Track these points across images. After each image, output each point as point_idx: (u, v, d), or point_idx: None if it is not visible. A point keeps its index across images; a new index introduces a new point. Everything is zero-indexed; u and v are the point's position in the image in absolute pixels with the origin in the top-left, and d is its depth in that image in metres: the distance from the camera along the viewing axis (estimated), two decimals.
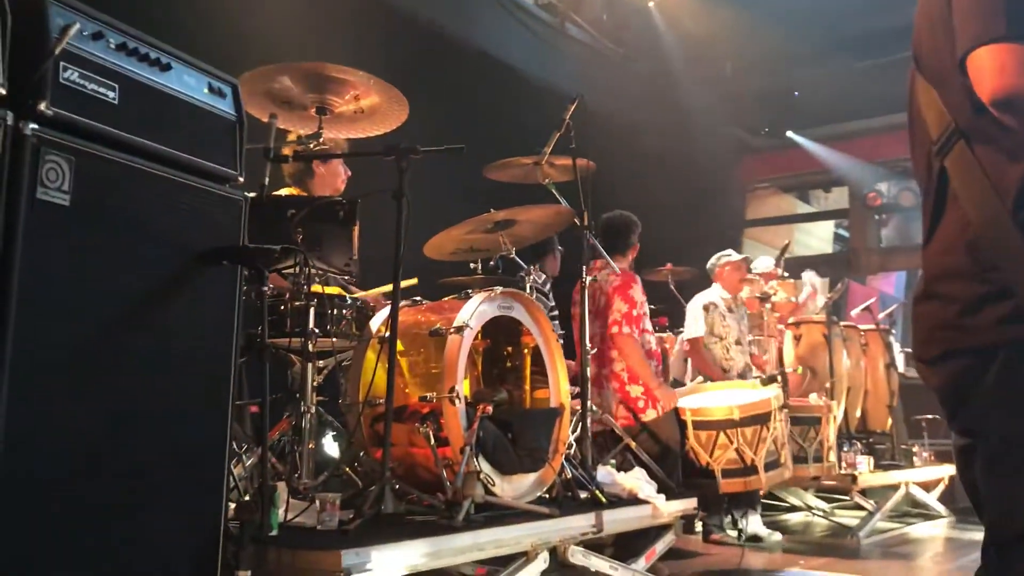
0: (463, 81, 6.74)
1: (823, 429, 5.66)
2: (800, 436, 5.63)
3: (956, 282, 1.56)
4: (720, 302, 6.09)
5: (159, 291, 2.22)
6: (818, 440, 5.65)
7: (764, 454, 4.95)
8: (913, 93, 1.66)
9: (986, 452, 1.56)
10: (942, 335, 1.59)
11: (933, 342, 1.62)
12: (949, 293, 1.58)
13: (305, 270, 3.14)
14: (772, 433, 4.98)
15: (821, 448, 5.66)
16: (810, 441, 5.64)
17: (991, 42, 1.40)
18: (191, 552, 2.24)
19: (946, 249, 1.59)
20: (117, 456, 2.08)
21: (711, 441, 4.96)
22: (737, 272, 6.23)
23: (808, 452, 5.62)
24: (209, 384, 2.33)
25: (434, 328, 3.37)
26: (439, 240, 3.86)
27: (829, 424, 5.77)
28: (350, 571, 2.39)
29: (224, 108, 2.45)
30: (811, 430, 5.67)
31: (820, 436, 5.66)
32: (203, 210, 2.34)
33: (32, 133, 1.91)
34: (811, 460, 5.61)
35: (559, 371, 3.81)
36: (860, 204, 13.13)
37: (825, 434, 5.67)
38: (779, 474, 5.07)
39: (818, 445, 5.66)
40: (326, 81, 3.38)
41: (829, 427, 5.75)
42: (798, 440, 5.62)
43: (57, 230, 1.97)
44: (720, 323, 6.03)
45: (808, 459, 5.61)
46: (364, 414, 3.30)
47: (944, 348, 1.59)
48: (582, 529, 3.41)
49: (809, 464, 5.62)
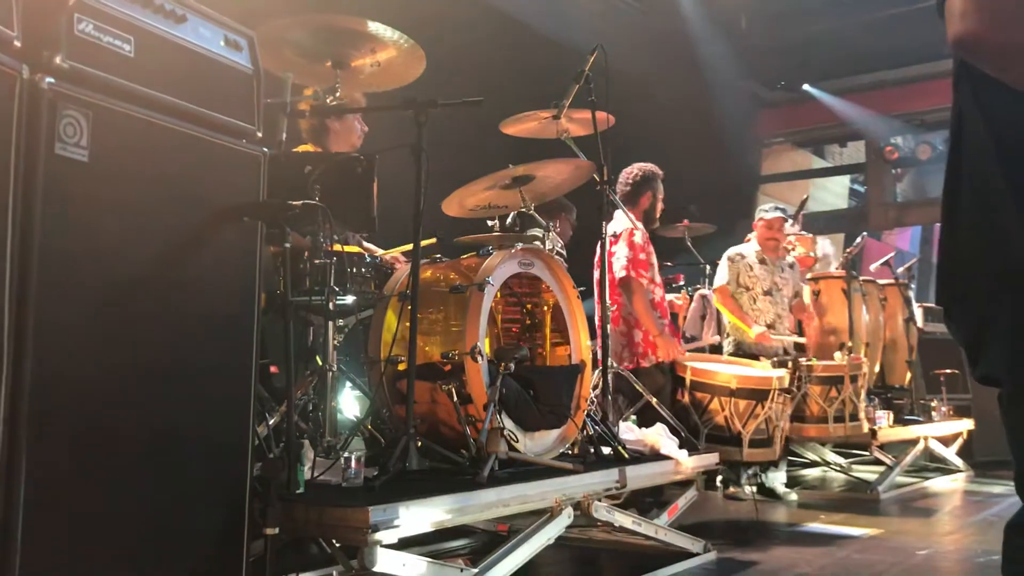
0: (478, 36, 6.65)
1: (845, 388, 5.62)
2: (821, 396, 5.60)
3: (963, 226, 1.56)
4: (751, 254, 6.10)
5: (179, 248, 2.19)
6: (840, 399, 5.62)
7: (752, 430, 4.97)
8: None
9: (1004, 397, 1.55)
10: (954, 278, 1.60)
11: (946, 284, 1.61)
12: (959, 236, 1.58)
13: (325, 227, 3.10)
14: (766, 412, 4.99)
15: (844, 408, 5.63)
16: (831, 401, 5.61)
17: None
18: (219, 510, 2.24)
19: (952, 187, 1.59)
20: (142, 415, 2.06)
21: (703, 403, 4.98)
22: (767, 229, 6.19)
23: (829, 413, 5.60)
24: (232, 342, 2.31)
25: (455, 285, 3.34)
26: (457, 197, 3.81)
27: (855, 382, 5.73)
28: (377, 527, 2.38)
29: (241, 61, 2.40)
30: (832, 389, 5.64)
31: (842, 395, 5.62)
32: (221, 165, 2.30)
33: (48, 87, 1.87)
34: (831, 420, 5.60)
35: (580, 327, 3.78)
36: (876, 158, 12.99)
37: (848, 393, 5.63)
38: (765, 453, 5.09)
39: (840, 404, 5.62)
40: (342, 34, 3.32)
41: (853, 386, 5.70)
42: (819, 401, 5.60)
43: (76, 186, 1.93)
44: (747, 273, 6.05)
45: (829, 419, 5.60)
46: (386, 372, 3.28)
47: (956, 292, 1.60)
48: (605, 485, 3.40)
49: (830, 423, 5.60)
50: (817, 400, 5.61)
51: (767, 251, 6.17)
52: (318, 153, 3.75)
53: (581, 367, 3.71)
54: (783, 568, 3.83)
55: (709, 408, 4.97)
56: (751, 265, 6.10)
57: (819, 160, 14.94)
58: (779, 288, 6.10)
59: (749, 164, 12.74)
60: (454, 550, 3.92)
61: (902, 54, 10.15)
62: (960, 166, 1.59)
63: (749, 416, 4.96)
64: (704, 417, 4.96)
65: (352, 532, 2.40)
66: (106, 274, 2.01)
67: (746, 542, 4.38)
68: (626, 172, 5.25)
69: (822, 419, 5.62)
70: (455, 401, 3.15)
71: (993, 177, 1.48)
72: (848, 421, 5.67)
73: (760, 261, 6.11)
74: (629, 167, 5.26)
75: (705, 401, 4.98)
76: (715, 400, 4.97)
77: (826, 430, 5.64)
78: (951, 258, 1.61)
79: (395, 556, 2.49)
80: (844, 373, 5.67)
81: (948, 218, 1.62)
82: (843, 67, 11.33)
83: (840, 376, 5.66)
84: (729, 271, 6.10)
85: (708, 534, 4.13)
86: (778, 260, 6.20)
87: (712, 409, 4.96)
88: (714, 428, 4.95)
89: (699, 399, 4.99)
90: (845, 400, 5.63)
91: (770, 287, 6.05)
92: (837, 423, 5.63)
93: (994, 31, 1.37)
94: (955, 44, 1.42)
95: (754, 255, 6.14)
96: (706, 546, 3.94)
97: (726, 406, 4.95)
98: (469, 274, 3.38)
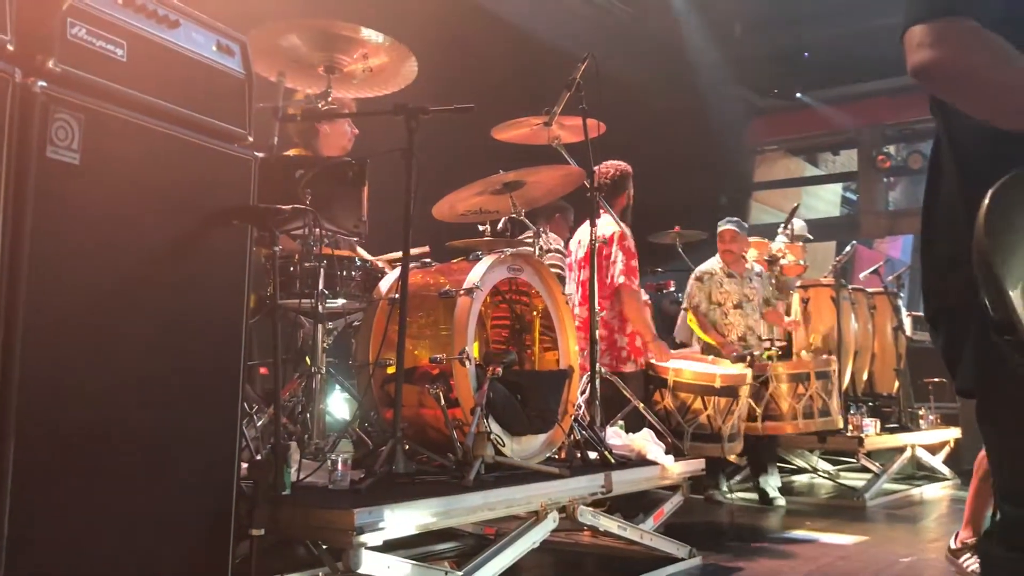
0: (470, 41, 6.67)
1: (811, 384, 5.68)
2: (789, 394, 5.67)
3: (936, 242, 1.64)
4: (718, 270, 6.16)
5: (169, 250, 2.21)
6: (808, 395, 5.67)
7: (729, 427, 5.05)
8: None
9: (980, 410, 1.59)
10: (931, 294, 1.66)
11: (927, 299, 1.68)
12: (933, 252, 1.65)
13: (315, 231, 3.12)
14: (738, 409, 5.10)
15: (812, 403, 5.67)
16: (798, 397, 5.66)
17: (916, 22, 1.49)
18: (205, 511, 2.25)
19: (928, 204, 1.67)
20: (129, 416, 2.08)
21: (687, 404, 5.02)
22: (720, 243, 6.24)
23: (797, 409, 5.66)
24: (220, 344, 2.33)
25: (444, 290, 3.37)
26: (448, 202, 3.84)
27: (825, 379, 5.77)
28: (363, 529, 2.40)
29: (232, 66, 2.42)
30: (799, 386, 5.69)
31: (809, 391, 5.67)
32: (212, 169, 2.32)
33: (41, 91, 1.89)
34: (801, 416, 5.67)
35: (568, 333, 3.81)
36: (869, 167, 13.06)
37: (813, 389, 5.68)
38: (732, 448, 5.16)
39: (808, 400, 5.67)
40: (334, 39, 3.35)
41: (821, 382, 5.74)
42: (787, 399, 5.66)
43: (67, 189, 1.95)
44: (717, 290, 6.11)
45: (798, 415, 5.67)
46: (374, 375, 3.30)
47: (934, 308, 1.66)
48: (591, 489, 3.43)
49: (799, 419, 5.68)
50: (785, 397, 5.66)
51: (729, 264, 6.21)
52: (309, 157, 3.78)
53: (569, 372, 3.73)
54: (767, 574, 3.86)
55: (692, 408, 5.00)
56: (720, 281, 6.16)
57: (812, 168, 15.00)
58: (749, 299, 6.15)
59: (742, 170, 12.79)
60: (441, 553, 3.94)
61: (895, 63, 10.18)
62: (938, 185, 1.65)
63: (727, 413, 5.03)
64: (687, 417, 5.00)
65: (337, 534, 2.42)
66: (96, 276, 2.02)
67: (731, 548, 4.41)
68: (602, 171, 5.14)
69: (792, 416, 5.67)
70: (442, 405, 3.17)
71: (957, 198, 1.54)
72: (818, 416, 5.71)
73: (728, 275, 6.16)
74: (603, 165, 5.12)
75: (689, 401, 5.02)
76: (698, 399, 5.01)
77: (795, 426, 5.69)
78: (927, 274, 1.68)
79: (380, 558, 2.51)
80: (809, 370, 5.72)
81: (925, 235, 1.68)
82: (836, 76, 11.38)
83: (806, 373, 5.71)
84: (699, 292, 6.18)
85: (693, 539, 4.15)
86: (745, 271, 6.23)
87: (695, 408, 5.00)
88: (697, 427, 5.00)
89: (683, 399, 5.03)
90: (812, 395, 5.67)
91: (740, 300, 6.10)
92: (806, 419, 5.68)
93: (946, 62, 1.45)
94: (913, 73, 1.50)
95: (720, 271, 6.20)
96: (691, 551, 3.97)
97: (709, 404, 5.00)
98: (458, 279, 3.40)
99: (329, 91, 3.50)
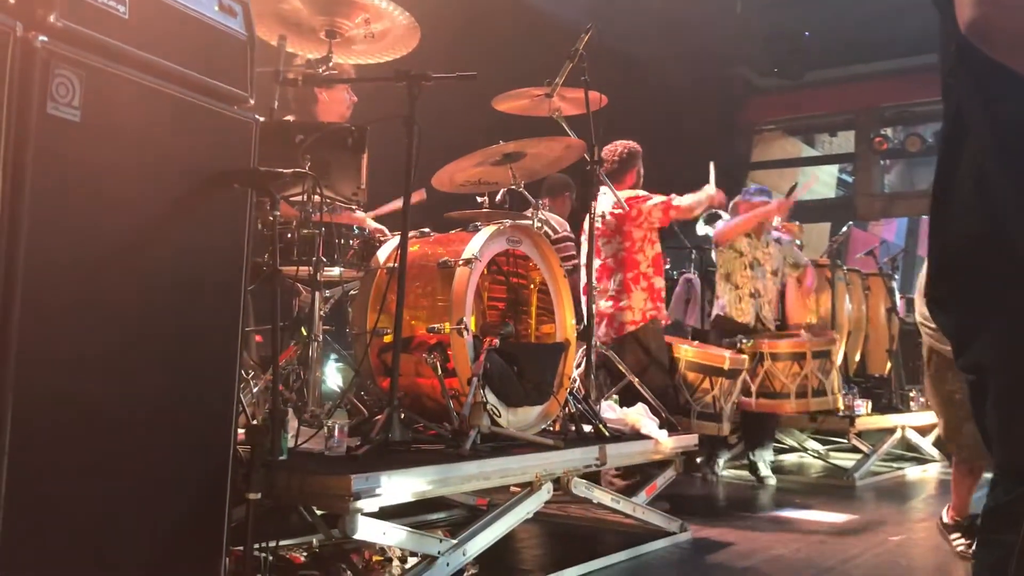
0: (473, 9, 6.61)
1: (807, 364, 5.68)
2: (784, 373, 5.68)
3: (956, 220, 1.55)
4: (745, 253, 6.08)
5: (168, 213, 2.19)
6: (803, 375, 5.68)
7: (729, 407, 5.18)
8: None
9: (997, 387, 1.54)
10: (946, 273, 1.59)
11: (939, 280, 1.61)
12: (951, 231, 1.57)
13: (315, 197, 3.10)
14: (736, 390, 5.25)
15: (807, 383, 5.69)
16: (793, 377, 5.68)
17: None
18: (201, 475, 2.25)
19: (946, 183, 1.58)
20: (127, 379, 2.07)
21: (696, 383, 5.09)
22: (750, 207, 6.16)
23: (791, 389, 5.67)
24: (218, 309, 2.32)
25: (442, 260, 3.35)
26: (447, 172, 3.81)
27: (823, 358, 5.78)
28: (359, 495, 2.40)
29: (235, 27, 2.39)
30: (795, 365, 5.71)
31: (804, 371, 5.69)
32: (213, 131, 2.30)
33: (42, 46, 1.86)
34: (794, 396, 5.69)
35: (565, 306, 3.80)
36: (866, 148, 13.03)
37: (809, 368, 5.69)
38: (726, 427, 5.23)
39: (803, 380, 5.68)
40: (336, 3, 3.31)
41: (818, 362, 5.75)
42: (782, 378, 5.67)
43: (67, 146, 1.93)
44: (740, 272, 6.01)
45: (791, 395, 5.69)
46: (371, 344, 3.29)
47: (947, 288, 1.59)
48: (586, 461, 3.43)
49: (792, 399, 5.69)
50: (780, 376, 5.67)
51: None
52: (310, 123, 3.74)
53: (565, 345, 3.73)
54: (758, 550, 3.89)
55: (700, 387, 5.08)
56: (747, 265, 6.08)
57: (809, 148, 14.97)
58: (760, 264, 6.09)
59: (739, 150, 12.75)
60: (433, 523, 3.95)
61: (895, 45, 10.17)
62: (958, 160, 1.56)
63: (728, 393, 5.14)
64: (695, 396, 5.07)
65: (334, 500, 2.42)
66: (95, 235, 2.00)
67: (722, 523, 4.44)
68: (610, 149, 5.17)
69: (784, 395, 5.69)
70: (439, 375, 3.16)
71: (993, 174, 1.45)
72: (811, 397, 5.71)
73: (745, 235, 6.10)
74: (612, 144, 5.18)
75: (697, 381, 5.09)
76: (707, 379, 5.09)
77: (789, 405, 5.71)
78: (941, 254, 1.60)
79: (376, 524, 2.51)
80: (805, 349, 5.71)
81: (942, 212, 1.60)
82: (836, 56, 11.33)
83: (802, 352, 5.71)
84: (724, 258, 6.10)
85: (684, 514, 4.17)
86: (762, 235, 6.20)
87: (703, 388, 5.08)
88: (703, 407, 5.08)
89: (691, 380, 5.09)
90: (808, 375, 5.67)
91: (752, 261, 6.06)
92: (799, 399, 5.69)
93: (1006, 16, 1.36)
94: (968, 29, 1.39)
95: (749, 254, 6.12)
96: (682, 525, 3.99)
97: (716, 385, 5.08)
98: (457, 249, 3.38)
99: (330, 56, 3.46)
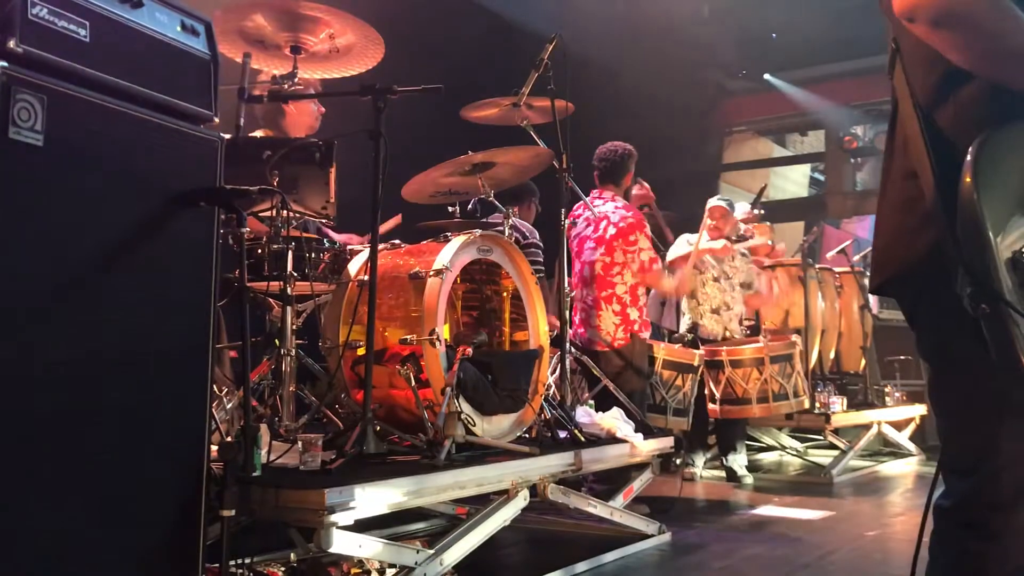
0: (437, 21, 6.63)
1: (766, 369, 5.74)
2: (744, 379, 5.75)
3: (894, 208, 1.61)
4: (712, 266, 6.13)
5: (136, 233, 2.20)
6: (762, 379, 5.74)
7: (692, 401, 5.38)
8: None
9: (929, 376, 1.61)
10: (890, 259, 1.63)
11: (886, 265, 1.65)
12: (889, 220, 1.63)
13: (283, 212, 3.11)
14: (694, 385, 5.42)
15: (767, 387, 5.73)
16: (754, 383, 5.73)
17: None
18: (175, 492, 2.25)
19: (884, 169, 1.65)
20: (98, 398, 2.07)
21: (671, 380, 5.25)
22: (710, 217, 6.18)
23: (752, 394, 5.73)
24: (189, 327, 2.32)
25: (413, 271, 3.37)
26: (417, 183, 3.83)
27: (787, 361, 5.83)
28: (334, 509, 2.41)
29: (197, 47, 2.41)
30: (753, 371, 5.77)
31: (763, 375, 5.74)
32: (178, 151, 2.31)
33: (2, 71, 1.87)
34: (755, 401, 5.73)
35: (538, 313, 3.83)
36: (836, 147, 13.16)
37: (768, 373, 5.74)
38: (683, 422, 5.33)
39: (763, 385, 5.73)
40: (300, 19, 3.32)
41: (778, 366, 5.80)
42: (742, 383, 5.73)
43: (31, 170, 1.93)
44: (701, 289, 6.05)
45: (752, 400, 5.73)
46: (344, 357, 3.30)
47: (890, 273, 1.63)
48: (561, 467, 3.46)
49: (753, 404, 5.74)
50: (740, 382, 5.73)
51: (714, 239, 6.21)
52: (276, 138, 3.75)
53: (539, 352, 3.76)
54: (736, 549, 3.92)
55: (674, 384, 5.26)
56: (705, 281, 6.13)
57: (780, 148, 15.09)
58: (728, 277, 6.15)
59: (711, 152, 12.84)
60: (413, 533, 3.96)
61: (862, 44, 10.27)
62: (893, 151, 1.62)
63: (692, 389, 5.39)
64: (669, 392, 5.23)
65: (308, 514, 2.43)
66: (61, 258, 2.01)
67: (700, 524, 4.47)
68: (607, 149, 5.22)
69: (746, 400, 5.74)
70: (413, 385, 3.17)
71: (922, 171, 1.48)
72: (772, 401, 5.74)
73: (715, 279, 6.15)
74: (608, 144, 5.24)
75: (671, 379, 5.26)
76: (680, 376, 5.28)
77: (752, 410, 5.76)
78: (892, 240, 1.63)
79: (351, 537, 2.52)
80: (763, 355, 5.76)
81: (880, 207, 1.65)
82: (804, 57, 11.43)
83: (760, 358, 5.76)
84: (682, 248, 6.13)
85: (662, 515, 4.20)
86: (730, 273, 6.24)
87: (676, 385, 5.26)
88: (676, 403, 5.25)
89: (666, 377, 5.25)
90: (768, 379, 5.72)
91: (719, 274, 6.11)
92: (760, 403, 5.73)
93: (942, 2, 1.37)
94: (899, 9, 1.42)
95: (713, 270, 6.17)
96: (660, 528, 4.02)
97: (686, 381, 5.29)
98: (428, 260, 3.40)
99: (295, 71, 3.47)
